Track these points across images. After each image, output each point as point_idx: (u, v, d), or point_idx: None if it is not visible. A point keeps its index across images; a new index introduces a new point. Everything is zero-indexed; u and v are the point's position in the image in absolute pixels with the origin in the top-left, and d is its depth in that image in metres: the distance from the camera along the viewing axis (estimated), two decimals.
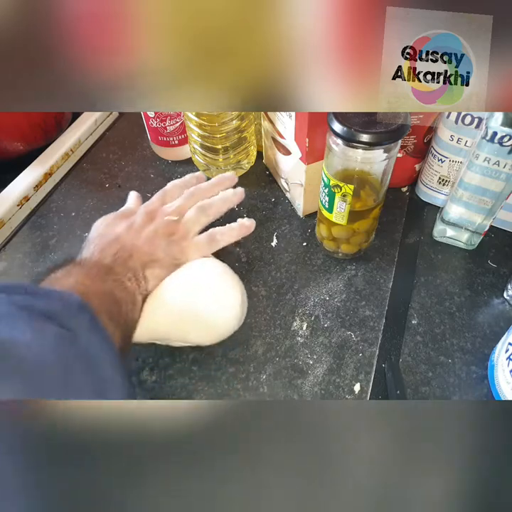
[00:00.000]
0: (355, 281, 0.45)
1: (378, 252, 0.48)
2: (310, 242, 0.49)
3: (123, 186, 0.56)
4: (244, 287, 0.39)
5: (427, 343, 0.40)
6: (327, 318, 0.42)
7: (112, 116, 0.66)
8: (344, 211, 0.40)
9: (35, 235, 0.51)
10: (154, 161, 0.59)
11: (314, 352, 0.40)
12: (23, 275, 0.46)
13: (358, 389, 0.38)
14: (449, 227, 0.46)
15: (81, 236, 0.50)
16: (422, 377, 0.38)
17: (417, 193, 0.53)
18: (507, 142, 0.36)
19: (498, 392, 0.36)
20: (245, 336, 0.41)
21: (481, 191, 0.41)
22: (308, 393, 0.37)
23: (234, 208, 0.52)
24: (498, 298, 0.43)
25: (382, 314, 0.42)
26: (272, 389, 0.38)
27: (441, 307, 0.43)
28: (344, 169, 0.39)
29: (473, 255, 0.47)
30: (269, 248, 0.48)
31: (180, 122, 0.54)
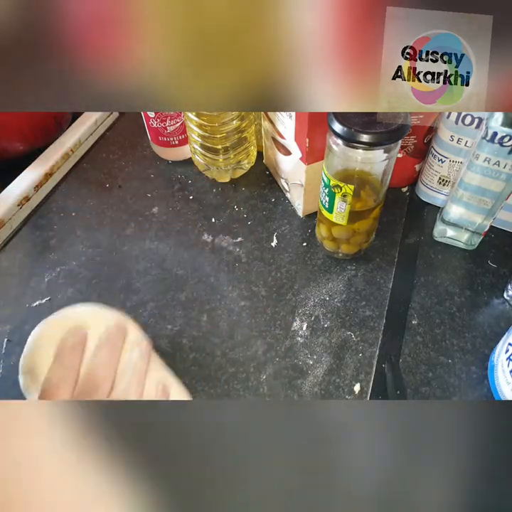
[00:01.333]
0: (355, 282, 0.45)
1: (378, 252, 0.48)
2: (310, 242, 0.49)
3: (123, 186, 0.56)
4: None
5: (427, 344, 0.40)
6: (327, 318, 0.42)
7: (112, 117, 0.66)
8: (344, 211, 0.40)
9: (35, 235, 0.51)
10: (154, 161, 0.59)
11: (314, 352, 0.40)
12: (23, 275, 0.46)
13: (358, 389, 0.38)
14: (449, 227, 0.46)
15: (81, 236, 0.50)
16: (422, 378, 0.38)
17: (417, 193, 0.53)
18: (507, 142, 0.36)
19: (498, 393, 0.36)
20: (245, 336, 0.41)
21: (481, 191, 0.41)
22: (308, 393, 0.37)
23: (234, 208, 0.52)
24: (498, 298, 0.43)
25: (382, 314, 0.42)
26: (271, 389, 0.38)
27: (441, 307, 0.43)
28: (344, 169, 0.39)
29: (473, 255, 0.47)
30: (269, 248, 0.48)
31: (180, 122, 0.54)
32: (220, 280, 0.45)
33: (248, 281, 0.45)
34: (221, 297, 0.44)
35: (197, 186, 0.55)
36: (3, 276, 0.46)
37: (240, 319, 0.42)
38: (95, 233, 0.50)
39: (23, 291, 0.45)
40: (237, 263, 0.47)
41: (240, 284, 0.45)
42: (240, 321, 0.42)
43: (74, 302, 0.34)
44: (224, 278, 0.46)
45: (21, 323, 0.42)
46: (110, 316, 0.33)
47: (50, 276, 0.46)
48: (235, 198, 0.54)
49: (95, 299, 0.44)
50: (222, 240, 0.49)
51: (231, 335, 0.41)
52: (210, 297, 0.44)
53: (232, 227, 0.50)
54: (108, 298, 0.44)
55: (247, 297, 0.44)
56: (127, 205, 0.53)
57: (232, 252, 0.48)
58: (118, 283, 0.45)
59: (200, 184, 0.56)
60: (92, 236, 0.50)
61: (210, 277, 0.46)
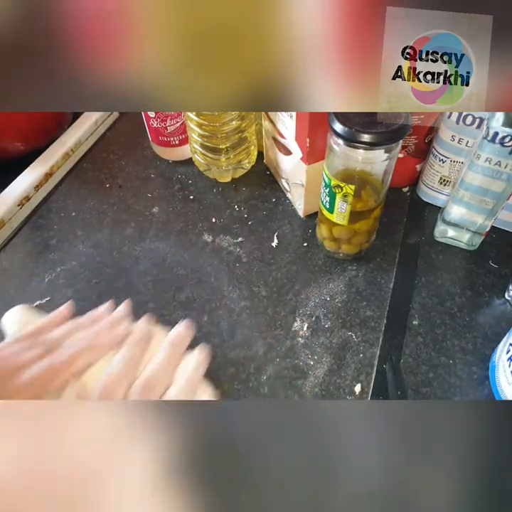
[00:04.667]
0: (356, 282, 0.45)
1: (379, 252, 0.47)
2: (311, 242, 0.49)
3: (123, 186, 0.56)
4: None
5: (428, 344, 0.40)
6: (328, 318, 0.42)
7: (112, 117, 0.66)
8: (345, 211, 0.40)
9: (35, 235, 0.51)
10: (155, 161, 0.59)
11: (315, 352, 0.40)
12: (23, 275, 0.46)
13: (359, 390, 0.37)
14: (450, 227, 0.46)
15: (81, 236, 0.50)
16: (422, 378, 0.38)
17: (418, 194, 0.53)
18: (508, 142, 0.36)
19: (499, 393, 0.36)
20: (246, 336, 0.41)
21: (482, 191, 0.41)
22: (308, 394, 0.37)
23: (234, 208, 0.52)
24: (499, 298, 0.43)
25: (383, 315, 0.42)
26: (272, 389, 0.38)
27: (442, 308, 0.43)
28: (345, 169, 0.39)
29: (474, 256, 0.47)
30: (270, 248, 0.48)
31: (180, 122, 0.54)
32: (221, 280, 0.45)
33: (248, 282, 0.45)
34: (221, 297, 0.44)
35: (197, 186, 0.55)
36: (3, 276, 0.46)
37: (240, 319, 0.42)
38: (95, 233, 0.50)
39: (23, 291, 0.45)
40: (237, 263, 0.47)
41: (241, 284, 0.45)
42: (241, 321, 0.42)
43: (74, 302, 0.34)
44: (224, 278, 0.45)
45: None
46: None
47: (50, 276, 0.46)
48: (235, 198, 0.54)
49: (95, 299, 0.44)
50: (222, 240, 0.49)
51: (231, 335, 0.41)
52: (211, 297, 0.44)
53: (233, 227, 0.50)
54: (108, 298, 0.44)
55: (247, 297, 0.44)
56: (127, 205, 0.53)
57: (233, 252, 0.48)
58: (118, 283, 0.45)
59: (201, 184, 0.56)
60: (92, 236, 0.50)
61: (211, 277, 0.46)
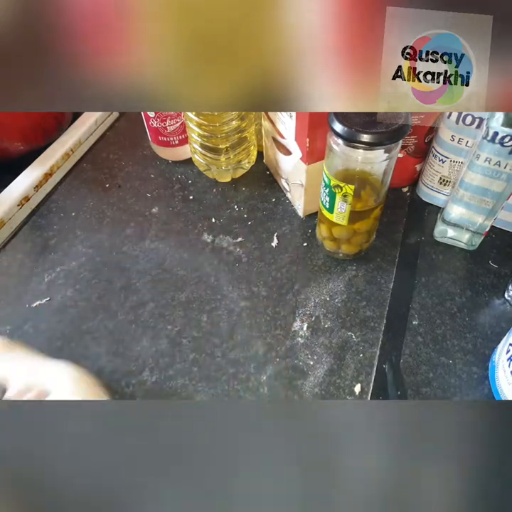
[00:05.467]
0: (355, 282, 0.45)
1: (379, 252, 0.47)
2: (310, 242, 0.49)
3: (123, 186, 0.56)
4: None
5: (428, 344, 0.40)
6: (328, 318, 0.42)
7: (112, 117, 0.66)
8: (345, 211, 0.40)
9: (35, 235, 0.51)
10: (154, 161, 0.59)
11: (315, 353, 0.40)
12: (23, 275, 0.46)
13: (359, 390, 0.37)
14: (449, 227, 0.46)
15: (81, 236, 0.50)
16: (422, 378, 0.38)
17: (418, 194, 0.53)
18: (508, 142, 0.36)
19: (499, 393, 0.36)
20: (245, 336, 0.41)
21: (481, 191, 0.41)
22: (308, 394, 0.37)
23: (234, 208, 0.52)
24: (499, 298, 0.43)
25: (382, 315, 0.42)
26: (272, 390, 0.38)
27: (442, 308, 0.43)
28: (345, 169, 0.39)
29: (474, 256, 0.47)
30: (270, 248, 0.48)
31: (180, 122, 0.53)
32: (220, 280, 0.45)
33: (248, 282, 0.45)
34: (221, 297, 0.44)
35: (197, 186, 0.55)
36: (3, 276, 0.46)
37: (240, 319, 0.42)
38: (95, 233, 0.50)
39: (23, 291, 0.45)
40: (237, 263, 0.47)
41: (240, 285, 0.45)
42: (240, 321, 0.42)
43: (74, 302, 0.34)
44: (224, 278, 0.45)
45: (21, 323, 0.42)
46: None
47: (50, 276, 0.46)
48: (235, 198, 0.54)
49: (95, 299, 0.44)
50: (222, 240, 0.49)
51: (231, 335, 0.41)
52: (210, 297, 0.44)
53: (233, 227, 0.50)
54: (108, 298, 0.44)
55: (247, 297, 0.44)
56: (127, 205, 0.53)
57: (233, 252, 0.48)
58: (118, 283, 0.45)
59: (201, 184, 0.56)
60: (92, 236, 0.50)
61: (210, 277, 0.46)
